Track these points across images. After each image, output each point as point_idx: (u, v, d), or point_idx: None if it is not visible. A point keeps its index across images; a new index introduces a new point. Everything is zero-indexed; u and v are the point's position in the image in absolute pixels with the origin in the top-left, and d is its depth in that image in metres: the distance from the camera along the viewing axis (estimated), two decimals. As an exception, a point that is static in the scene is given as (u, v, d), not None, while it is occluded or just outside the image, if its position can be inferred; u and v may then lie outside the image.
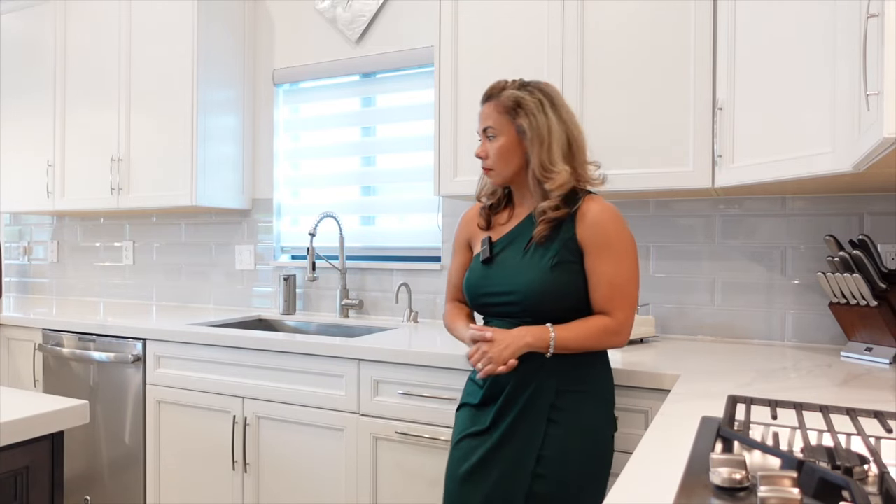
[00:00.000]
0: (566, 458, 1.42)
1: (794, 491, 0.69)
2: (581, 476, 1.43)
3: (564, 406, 1.45)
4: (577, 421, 1.44)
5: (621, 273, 1.44)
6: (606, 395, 1.52)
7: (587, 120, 2.03)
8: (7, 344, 2.84)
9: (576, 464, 1.42)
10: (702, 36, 1.89)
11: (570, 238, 1.46)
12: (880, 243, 1.96)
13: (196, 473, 2.31)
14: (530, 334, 1.42)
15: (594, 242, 1.45)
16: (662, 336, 2.26)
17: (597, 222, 1.45)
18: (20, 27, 3.37)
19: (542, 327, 1.43)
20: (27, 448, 1.17)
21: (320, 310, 2.91)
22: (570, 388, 1.46)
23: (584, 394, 1.47)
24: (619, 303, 1.45)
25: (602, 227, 1.45)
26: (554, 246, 1.46)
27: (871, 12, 1.17)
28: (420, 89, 2.73)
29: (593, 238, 1.45)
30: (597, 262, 1.45)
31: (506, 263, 1.52)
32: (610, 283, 1.44)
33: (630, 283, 1.46)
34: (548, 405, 1.44)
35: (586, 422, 1.45)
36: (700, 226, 2.23)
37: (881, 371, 1.63)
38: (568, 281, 1.45)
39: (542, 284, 1.45)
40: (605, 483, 1.48)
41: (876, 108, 1.15)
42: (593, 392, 1.48)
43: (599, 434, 1.47)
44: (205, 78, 2.83)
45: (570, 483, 1.42)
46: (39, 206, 3.30)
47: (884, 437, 0.97)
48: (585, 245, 1.46)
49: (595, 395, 1.48)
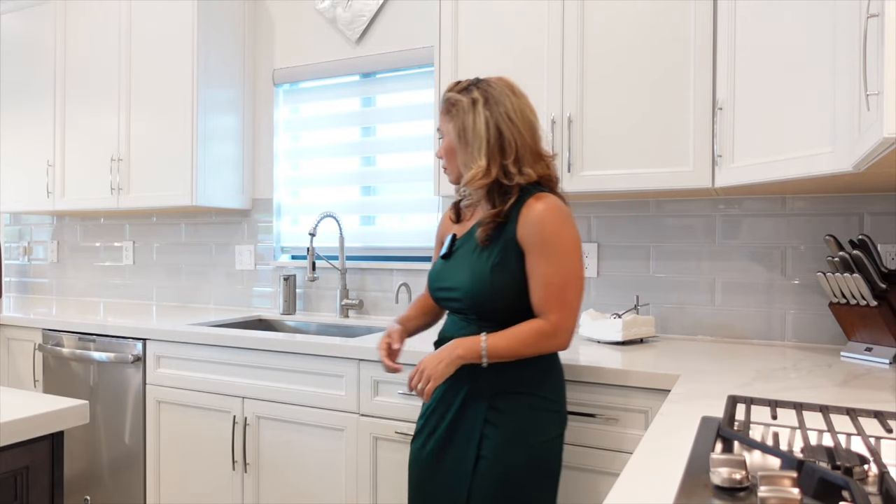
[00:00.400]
0: (503, 459, 1.43)
1: (794, 491, 0.69)
2: (519, 477, 1.43)
3: (502, 408, 1.46)
4: (515, 423, 1.45)
5: (557, 273, 1.42)
6: (549, 395, 1.50)
7: (587, 119, 2.04)
8: (7, 344, 2.84)
9: (513, 465, 1.43)
10: (702, 36, 1.89)
11: (510, 238, 1.46)
12: (880, 243, 1.96)
13: (196, 473, 2.31)
14: (461, 347, 1.43)
15: (532, 242, 1.44)
16: (662, 336, 2.26)
17: (535, 221, 1.43)
18: (20, 27, 3.37)
19: (474, 338, 1.44)
20: (27, 448, 1.17)
21: (320, 310, 2.91)
22: (508, 390, 1.46)
23: (522, 395, 1.46)
24: (554, 304, 1.42)
25: (540, 226, 1.43)
26: (497, 246, 1.47)
27: (871, 12, 1.17)
28: (420, 89, 2.73)
29: (531, 238, 1.44)
30: (534, 262, 1.44)
31: (458, 261, 1.55)
32: (545, 285, 1.42)
33: (568, 285, 1.43)
34: (484, 407, 1.46)
35: (524, 424, 1.45)
36: (700, 226, 2.24)
37: (881, 371, 1.63)
38: (507, 282, 1.45)
39: (481, 284, 1.46)
40: (550, 484, 1.48)
41: (876, 108, 1.15)
42: (533, 394, 1.47)
43: (539, 436, 1.46)
44: (205, 78, 2.83)
45: (508, 483, 1.43)
46: (39, 206, 3.30)
47: (884, 437, 0.97)
48: (524, 245, 1.45)
49: (535, 397, 1.47)
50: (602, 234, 2.37)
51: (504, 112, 1.47)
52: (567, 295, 1.42)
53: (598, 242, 2.38)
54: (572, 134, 2.06)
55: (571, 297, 1.43)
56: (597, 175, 2.03)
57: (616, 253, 2.35)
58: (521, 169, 1.46)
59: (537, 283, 1.43)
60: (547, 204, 1.44)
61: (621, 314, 2.10)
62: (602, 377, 1.67)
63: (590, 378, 1.68)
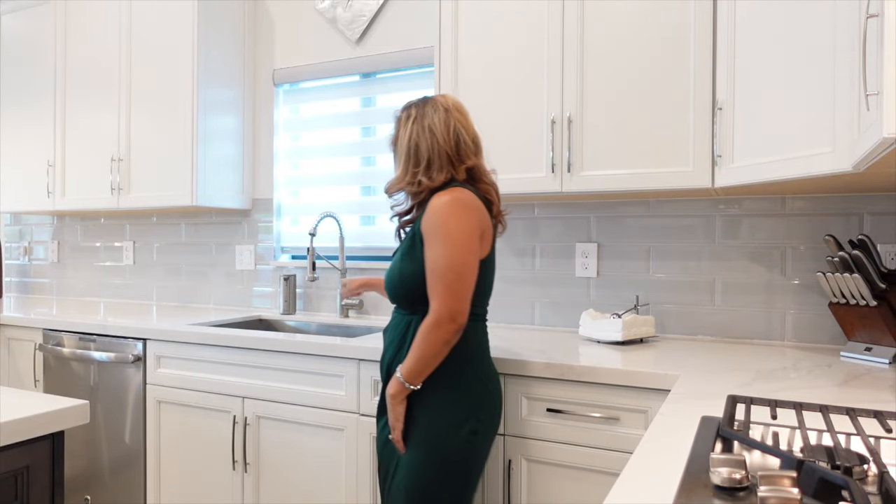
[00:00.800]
0: (411, 448, 1.54)
1: (794, 491, 0.69)
2: (421, 466, 1.52)
3: (419, 401, 1.55)
4: (424, 415, 1.54)
5: (440, 259, 1.49)
6: (460, 388, 1.54)
7: (587, 119, 2.04)
8: (7, 344, 2.84)
9: (417, 455, 1.53)
10: (702, 36, 1.89)
11: (416, 230, 1.58)
12: (880, 243, 1.96)
13: (196, 473, 2.31)
14: (390, 390, 1.56)
15: (425, 232, 1.53)
16: (662, 336, 2.26)
17: (429, 213, 1.53)
18: (20, 27, 3.37)
19: (392, 379, 1.55)
20: (27, 448, 1.17)
21: (320, 310, 2.91)
22: (425, 385, 1.54)
23: (433, 389, 1.54)
24: (436, 290, 1.49)
25: (430, 216, 1.52)
26: (407, 240, 1.61)
27: (871, 12, 1.17)
28: (420, 89, 2.72)
29: (425, 228, 1.53)
30: (425, 250, 1.53)
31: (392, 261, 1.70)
32: (431, 270, 1.51)
33: (448, 270, 1.48)
34: (409, 402, 1.56)
35: (431, 416, 1.53)
36: (700, 226, 2.24)
37: (881, 371, 1.63)
38: (412, 270, 1.56)
39: (392, 275, 1.62)
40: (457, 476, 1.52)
41: (876, 108, 1.15)
42: (443, 388, 1.54)
43: (444, 428, 1.52)
44: (205, 78, 2.83)
45: (413, 471, 1.52)
46: (39, 206, 3.30)
47: (883, 437, 0.98)
48: (423, 235, 1.54)
49: (445, 391, 1.54)
50: (602, 234, 2.37)
51: (427, 125, 1.60)
52: (446, 279, 1.48)
53: (598, 242, 2.38)
54: (572, 134, 2.06)
55: (451, 281, 1.48)
56: (597, 175, 2.03)
57: (616, 253, 2.35)
58: (430, 175, 1.59)
59: (427, 269, 1.52)
60: (444, 197, 1.52)
61: (621, 314, 2.10)
62: (602, 377, 1.67)
63: (590, 378, 1.68)
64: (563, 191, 2.07)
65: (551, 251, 2.46)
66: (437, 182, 1.58)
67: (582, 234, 2.41)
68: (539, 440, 1.75)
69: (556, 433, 1.73)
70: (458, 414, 1.53)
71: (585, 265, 2.39)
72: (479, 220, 1.53)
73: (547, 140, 2.10)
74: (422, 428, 1.53)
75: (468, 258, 1.49)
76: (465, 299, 1.50)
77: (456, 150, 1.60)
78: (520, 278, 2.51)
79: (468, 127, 1.64)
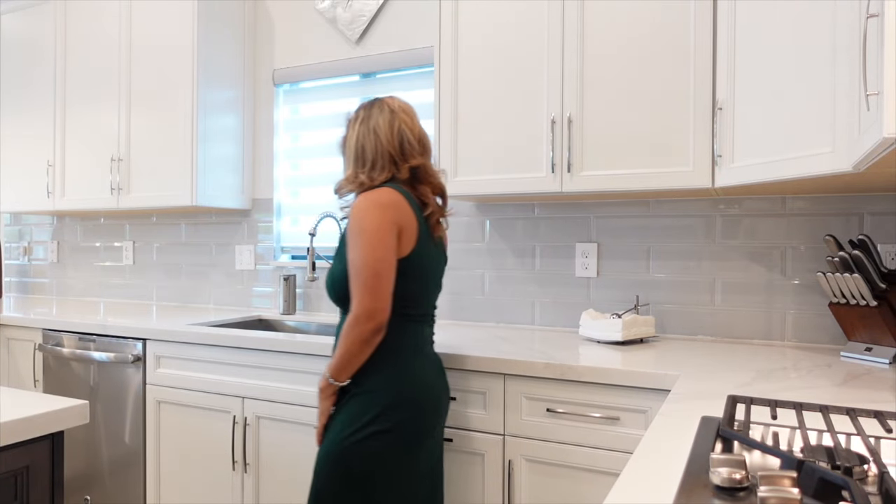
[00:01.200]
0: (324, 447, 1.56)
1: (794, 491, 0.69)
2: (321, 460, 1.55)
3: (341, 401, 1.59)
4: (340, 415, 1.57)
5: (356, 258, 1.52)
6: (374, 389, 1.55)
7: (587, 119, 2.04)
8: (7, 344, 2.84)
9: (321, 450, 1.57)
10: (702, 36, 1.89)
11: (344, 231, 1.62)
12: (880, 243, 1.96)
13: (196, 473, 2.31)
14: (318, 389, 1.60)
15: (347, 232, 1.58)
16: (662, 336, 2.26)
17: (350, 215, 1.57)
18: (20, 27, 3.37)
19: (322, 375, 1.59)
20: (27, 448, 1.17)
21: (320, 310, 2.91)
22: (348, 386, 1.58)
23: (352, 391, 1.57)
24: (355, 289, 1.52)
25: (351, 216, 1.56)
26: (339, 241, 1.67)
27: (871, 12, 1.17)
28: (420, 89, 2.73)
29: (347, 229, 1.58)
30: (347, 251, 1.56)
31: None
32: (350, 270, 1.54)
33: (364, 267, 1.50)
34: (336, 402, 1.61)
35: (339, 413, 1.57)
36: (700, 226, 2.24)
37: (881, 371, 1.63)
38: (339, 271, 1.60)
39: (327, 276, 1.66)
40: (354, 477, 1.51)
41: (876, 108, 1.15)
42: (359, 390, 1.56)
43: (348, 426, 1.53)
44: (205, 78, 2.83)
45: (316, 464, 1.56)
46: (39, 206, 3.30)
47: (884, 437, 0.97)
48: (346, 236, 1.59)
49: (359, 389, 1.56)
50: (602, 234, 2.37)
51: (372, 126, 1.64)
52: (363, 276, 1.50)
53: (598, 242, 2.38)
54: (572, 134, 2.06)
55: (367, 278, 1.49)
56: (597, 175, 2.03)
57: (616, 253, 2.35)
58: (371, 175, 1.62)
59: (349, 269, 1.55)
60: (362, 197, 1.56)
61: (621, 314, 2.10)
62: (602, 377, 1.67)
63: (590, 378, 1.68)
64: (563, 191, 2.07)
65: (551, 251, 2.46)
66: (377, 181, 1.61)
67: (582, 234, 2.41)
68: (539, 440, 1.75)
69: (556, 433, 1.73)
70: (364, 414, 1.53)
71: (585, 265, 2.39)
72: (395, 217, 1.53)
73: (547, 140, 2.10)
74: (332, 423, 1.58)
75: (384, 254, 1.50)
76: (383, 297, 1.50)
77: (400, 150, 1.63)
78: (520, 278, 2.51)
79: (413, 128, 1.66)
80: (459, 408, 1.86)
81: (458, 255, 2.63)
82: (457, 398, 1.86)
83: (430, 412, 1.59)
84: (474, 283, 2.60)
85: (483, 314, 2.58)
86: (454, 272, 2.63)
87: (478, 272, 2.59)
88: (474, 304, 2.60)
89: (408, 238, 1.56)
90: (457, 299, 2.63)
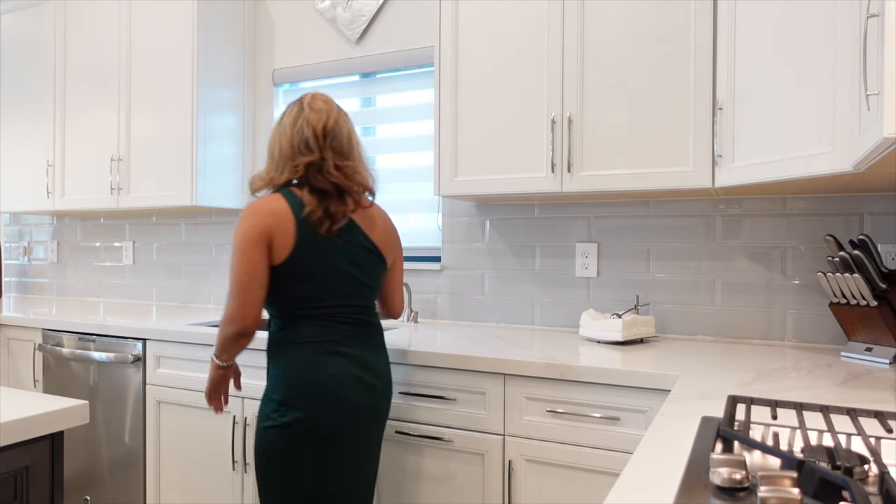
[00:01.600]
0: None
1: (794, 491, 0.69)
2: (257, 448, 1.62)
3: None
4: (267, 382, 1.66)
5: (230, 267, 1.61)
6: (275, 385, 1.61)
7: (587, 119, 2.04)
8: (7, 344, 2.84)
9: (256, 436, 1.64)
10: (702, 36, 1.89)
11: None
12: (880, 243, 1.96)
13: (196, 473, 2.31)
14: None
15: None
16: (662, 336, 2.26)
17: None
18: (20, 27, 3.37)
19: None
20: (27, 448, 1.17)
21: (320, 310, 2.90)
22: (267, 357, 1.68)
23: (269, 366, 1.67)
24: (228, 292, 1.58)
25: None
26: None
27: (871, 12, 1.17)
28: (420, 89, 2.73)
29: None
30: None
31: None
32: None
33: (231, 276, 1.56)
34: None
35: (260, 410, 1.63)
36: (700, 226, 2.24)
37: (881, 371, 1.63)
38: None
39: None
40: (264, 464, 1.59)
41: (876, 108, 1.15)
42: (269, 383, 1.64)
43: (261, 423, 1.61)
44: (205, 78, 2.83)
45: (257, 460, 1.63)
46: (39, 206, 3.30)
47: (884, 437, 0.97)
48: None
49: (269, 387, 1.63)
50: (602, 234, 2.37)
51: (283, 124, 1.66)
52: (230, 285, 1.56)
53: (598, 242, 2.38)
54: (572, 134, 2.06)
55: (232, 288, 1.56)
56: (597, 175, 2.03)
57: (616, 253, 2.35)
58: (272, 175, 1.65)
59: None
60: (247, 206, 1.61)
61: (621, 314, 2.10)
62: (602, 377, 1.67)
63: (590, 378, 1.68)
64: (563, 191, 2.07)
65: (551, 251, 2.46)
66: (278, 181, 1.63)
67: (582, 234, 2.41)
68: (539, 440, 1.75)
69: (557, 433, 1.73)
70: (266, 405, 1.61)
71: (585, 265, 2.39)
72: (263, 226, 1.55)
73: (547, 140, 2.10)
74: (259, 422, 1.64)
75: (246, 266, 1.54)
76: (247, 305, 1.55)
77: (299, 146, 1.63)
78: (520, 278, 2.51)
79: (317, 123, 1.62)
80: (460, 408, 1.86)
81: (458, 255, 2.63)
82: (457, 398, 1.86)
83: (328, 413, 1.56)
84: (474, 283, 2.60)
85: (483, 314, 2.58)
86: (454, 272, 2.63)
87: (478, 272, 2.59)
88: (474, 304, 2.60)
89: (282, 245, 1.56)
90: (457, 299, 2.63)
